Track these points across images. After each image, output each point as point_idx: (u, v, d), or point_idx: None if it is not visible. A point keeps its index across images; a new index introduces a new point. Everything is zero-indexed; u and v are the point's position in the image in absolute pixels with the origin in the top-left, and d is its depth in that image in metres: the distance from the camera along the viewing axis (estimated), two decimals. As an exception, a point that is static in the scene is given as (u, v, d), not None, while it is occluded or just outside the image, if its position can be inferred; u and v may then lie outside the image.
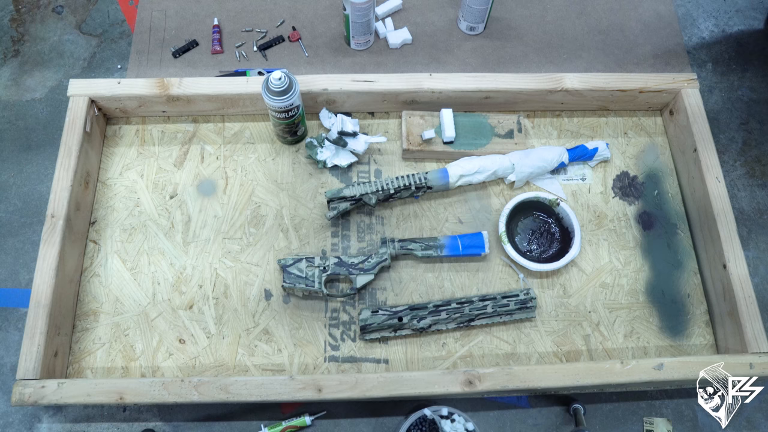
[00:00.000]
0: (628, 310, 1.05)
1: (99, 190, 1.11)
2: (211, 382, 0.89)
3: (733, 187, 1.21)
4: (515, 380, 0.89)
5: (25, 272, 1.11)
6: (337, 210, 1.04)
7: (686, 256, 1.09)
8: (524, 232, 1.10)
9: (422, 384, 0.89)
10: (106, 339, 1.00)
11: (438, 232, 1.09)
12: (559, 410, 1.03)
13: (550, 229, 1.10)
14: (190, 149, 1.14)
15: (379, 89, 1.10)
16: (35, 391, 0.88)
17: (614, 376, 0.90)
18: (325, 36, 1.33)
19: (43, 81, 1.28)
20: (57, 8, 1.37)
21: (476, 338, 1.02)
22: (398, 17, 1.36)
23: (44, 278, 0.95)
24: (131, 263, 1.05)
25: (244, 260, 1.06)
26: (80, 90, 1.08)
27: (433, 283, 1.05)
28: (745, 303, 0.97)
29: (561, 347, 1.02)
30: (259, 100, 1.11)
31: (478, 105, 1.15)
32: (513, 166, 1.08)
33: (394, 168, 1.14)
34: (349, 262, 1.02)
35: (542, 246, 1.09)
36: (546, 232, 1.10)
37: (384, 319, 0.98)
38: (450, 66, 1.30)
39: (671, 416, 1.03)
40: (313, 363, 1.00)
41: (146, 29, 1.33)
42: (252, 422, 1.00)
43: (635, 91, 1.13)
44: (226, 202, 1.10)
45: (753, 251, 1.16)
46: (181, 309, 1.02)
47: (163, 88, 1.09)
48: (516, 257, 1.03)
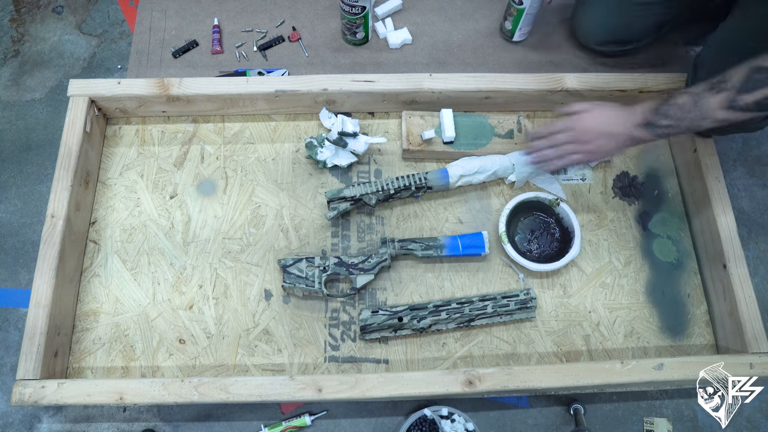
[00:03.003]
0: (628, 310, 1.05)
1: (99, 190, 1.11)
2: (211, 382, 0.89)
3: (733, 187, 1.21)
4: (515, 380, 0.89)
5: (25, 272, 1.11)
6: (337, 210, 1.04)
7: (686, 256, 1.09)
8: (524, 231, 1.10)
9: (422, 384, 0.89)
10: (106, 339, 1.00)
11: (438, 232, 1.09)
12: (559, 410, 1.03)
13: (549, 229, 1.10)
14: (190, 149, 1.14)
15: (379, 89, 1.10)
16: (35, 391, 0.88)
17: (614, 376, 0.90)
18: (325, 36, 1.33)
19: (43, 81, 1.28)
20: (57, 8, 1.37)
21: (476, 338, 1.02)
22: (398, 17, 1.36)
23: (44, 278, 0.95)
24: (131, 263, 1.05)
25: (244, 260, 1.06)
26: (80, 90, 1.08)
27: (433, 283, 1.05)
28: (745, 303, 0.97)
29: (561, 347, 1.02)
30: (259, 100, 1.11)
31: (478, 105, 1.15)
32: (513, 166, 1.08)
33: (394, 168, 1.14)
34: (349, 262, 1.02)
35: (542, 246, 1.08)
36: (546, 232, 1.09)
37: (384, 319, 0.98)
38: (450, 66, 1.30)
39: (671, 416, 1.03)
40: (313, 363, 1.00)
41: (146, 29, 1.33)
42: (252, 422, 1.00)
43: (635, 91, 1.13)
44: (226, 202, 1.10)
45: (753, 251, 1.16)
46: (181, 309, 1.02)
47: (163, 88, 1.09)
48: (516, 257, 1.03)
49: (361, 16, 1.23)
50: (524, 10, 1.22)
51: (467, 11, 1.37)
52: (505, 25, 1.30)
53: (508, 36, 1.31)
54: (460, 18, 1.36)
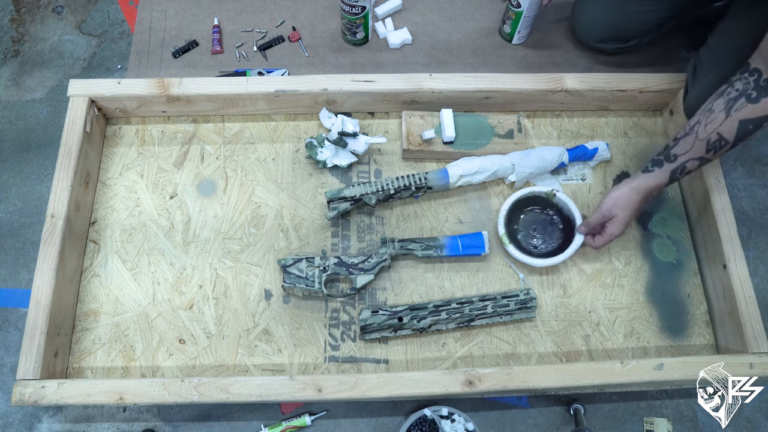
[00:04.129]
0: (628, 310, 1.05)
1: (99, 190, 1.11)
2: (211, 382, 0.89)
3: (733, 187, 1.21)
4: (515, 380, 0.89)
5: (25, 272, 1.11)
6: (337, 210, 1.04)
7: (686, 256, 1.09)
8: (526, 228, 1.09)
9: (422, 384, 0.89)
10: (106, 339, 1.00)
11: (438, 232, 1.09)
12: (559, 410, 1.03)
13: (551, 220, 1.09)
14: (190, 149, 1.14)
15: (379, 89, 1.10)
16: (35, 391, 0.88)
17: (614, 376, 0.90)
18: (325, 36, 1.33)
19: (43, 81, 1.28)
20: (57, 8, 1.37)
21: (476, 338, 1.02)
22: (398, 17, 1.36)
23: (44, 278, 0.95)
24: (131, 263, 1.05)
25: (244, 260, 1.06)
26: (80, 90, 1.08)
27: (433, 283, 1.05)
28: (745, 303, 0.97)
29: (561, 347, 1.02)
30: (259, 100, 1.11)
31: (478, 105, 1.15)
32: (513, 167, 1.08)
33: (394, 168, 1.14)
34: (349, 262, 1.02)
35: (546, 240, 1.08)
36: (548, 224, 1.09)
37: (384, 319, 0.98)
38: (450, 66, 1.30)
39: (671, 416, 1.03)
40: (313, 363, 1.00)
41: (146, 29, 1.33)
42: (252, 422, 1.00)
43: (635, 91, 1.13)
44: (226, 202, 1.10)
45: (753, 251, 1.16)
46: (181, 309, 1.02)
47: (163, 88, 1.09)
48: (520, 257, 1.03)
49: (361, 16, 1.23)
50: (522, 13, 1.22)
51: (467, 11, 1.37)
52: (504, 29, 1.30)
53: (507, 39, 1.31)
54: (460, 18, 1.36)
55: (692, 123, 0.90)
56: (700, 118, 0.88)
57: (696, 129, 0.89)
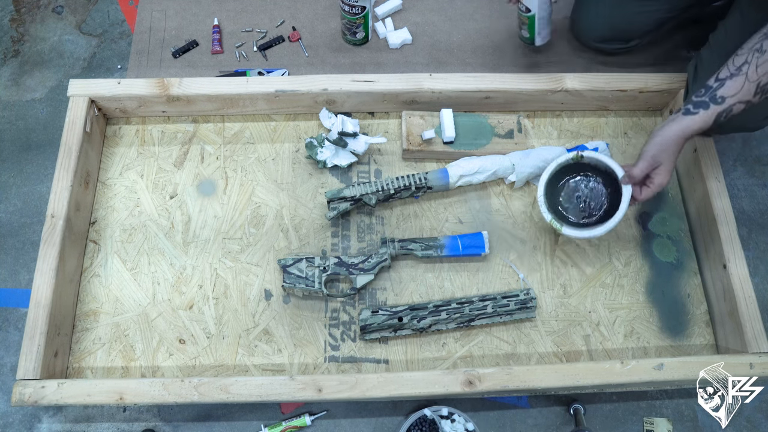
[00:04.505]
0: (628, 310, 1.05)
1: (99, 190, 1.11)
2: (211, 382, 0.89)
3: (733, 187, 1.21)
4: (515, 380, 0.89)
5: (25, 272, 1.11)
6: (337, 210, 1.04)
7: (686, 256, 1.09)
8: (570, 201, 1.03)
9: (422, 384, 0.89)
10: (106, 339, 1.00)
11: (438, 232, 1.09)
12: (559, 410, 1.03)
13: (589, 184, 1.03)
14: (190, 149, 1.14)
15: (379, 89, 1.10)
16: (35, 391, 0.88)
17: (614, 376, 0.90)
18: (325, 36, 1.33)
19: (43, 81, 1.28)
20: (57, 8, 1.37)
21: (476, 338, 1.02)
22: (398, 17, 1.36)
23: (44, 278, 0.95)
24: (131, 263, 1.05)
25: (244, 260, 1.06)
26: (80, 90, 1.08)
27: (433, 283, 1.05)
28: (745, 303, 0.97)
29: (561, 347, 1.02)
30: (259, 100, 1.11)
31: (478, 105, 1.15)
32: (513, 166, 1.08)
33: (394, 168, 1.14)
34: (349, 262, 1.02)
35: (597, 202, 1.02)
36: (590, 188, 1.03)
37: (384, 319, 0.98)
38: (450, 66, 1.30)
39: (671, 416, 1.03)
40: (313, 363, 1.00)
41: (146, 29, 1.33)
42: (252, 422, 1.00)
43: (635, 91, 1.13)
44: (226, 202, 1.10)
45: (753, 251, 1.16)
46: (181, 309, 1.02)
47: (163, 88, 1.09)
48: (579, 234, 0.97)
49: (361, 16, 1.23)
50: (535, 15, 1.19)
51: (467, 11, 1.37)
52: (522, 34, 1.25)
53: (530, 43, 1.24)
54: (460, 18, 1.36)
55: (738, 63, 0.83)
56: (749, 58, 0.82)
57: (746, 70, 0.83)
